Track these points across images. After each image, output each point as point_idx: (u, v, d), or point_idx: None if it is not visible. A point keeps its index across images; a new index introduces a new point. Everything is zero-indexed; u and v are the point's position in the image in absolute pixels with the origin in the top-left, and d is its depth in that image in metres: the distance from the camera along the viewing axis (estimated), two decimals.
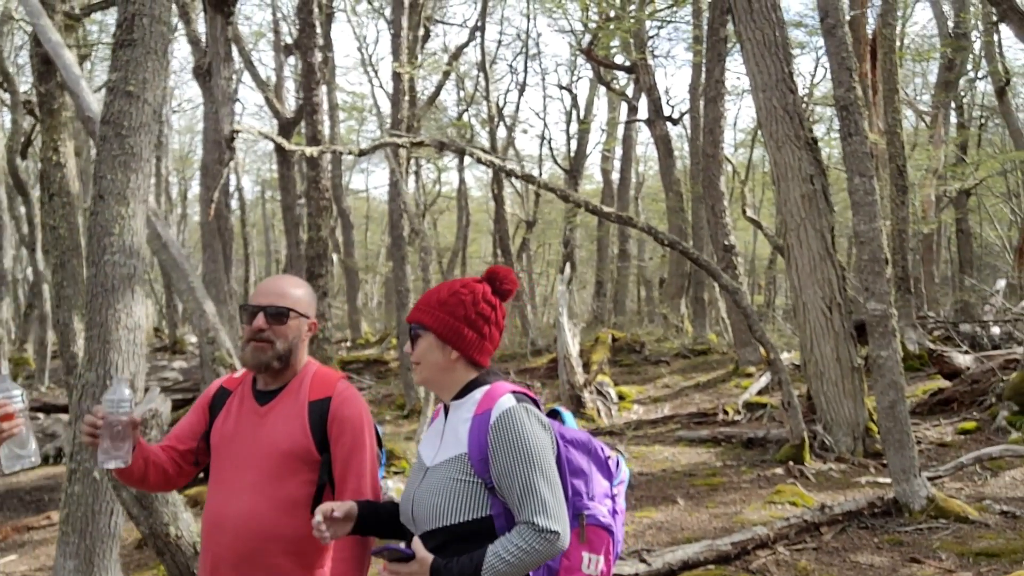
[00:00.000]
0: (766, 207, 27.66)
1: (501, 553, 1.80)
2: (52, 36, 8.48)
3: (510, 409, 1.91)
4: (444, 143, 6.95)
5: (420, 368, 2.05)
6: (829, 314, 7.32)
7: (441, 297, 2.04)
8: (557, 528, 1.81)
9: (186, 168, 32.96)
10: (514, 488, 1.84)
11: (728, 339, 14.74)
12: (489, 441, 1.88)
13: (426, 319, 2.03)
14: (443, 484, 1.91)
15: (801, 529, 5.18)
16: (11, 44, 18.80)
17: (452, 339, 2.01)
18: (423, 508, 1.93)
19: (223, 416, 2.25)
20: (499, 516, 1.89)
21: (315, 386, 2.22)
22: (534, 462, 1.85)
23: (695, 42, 16.11)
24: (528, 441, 1.87)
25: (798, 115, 7.38)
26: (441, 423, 2.07)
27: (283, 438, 2.16)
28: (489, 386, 2.01)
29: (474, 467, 1.89)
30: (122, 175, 4.27)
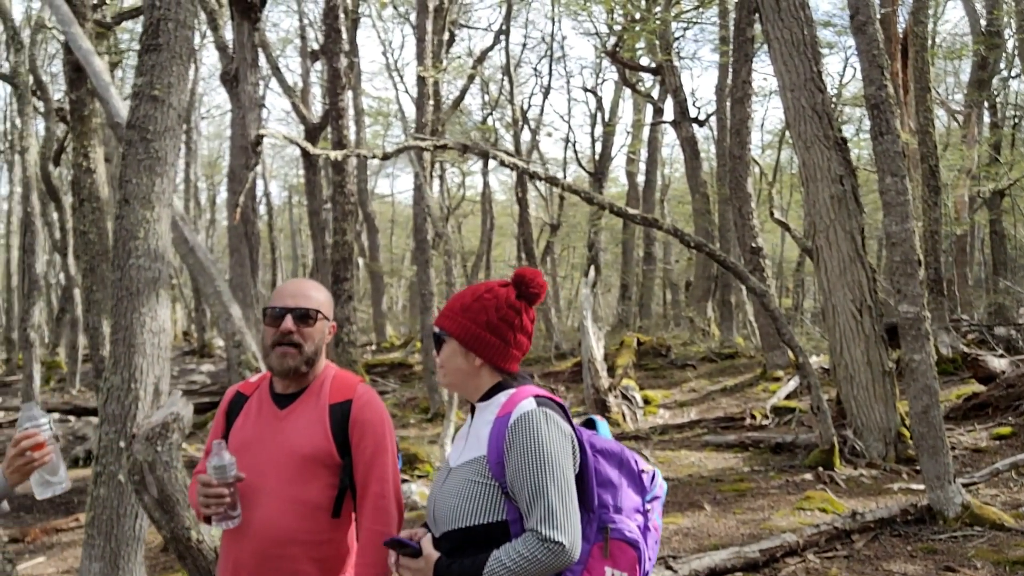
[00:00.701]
0: (794, 209, 27.36)
1: (503, 559, 1.77)
2: (83, 43, 8.59)
3: (528, 412, 1.87)
4: (468, 146, 6.93)
5: (444, 373, 2.04)
6: (859, 317, 7.18)
7: (465, 303, 2.02)
8: (562, 539, 1.76)
9: (215, 174, 33.35)
10: (524, 493, 1.81)
11: (755, 343, 14.57)
12: (505, 444, 1.86)
13: (449, 325, 2.01)
14: (462, 486, 1.90)
15: (832, 536, 5.08)
16: (45, 53, 19.13)
17: (475, 346, 1.99)
18: (442, 509, 1.92)
19: (241, 420, 2.24)
20: (515, 522, 1.85)
21: (335, 389, 2.21)
22: (546, 468, 1.81)
23: (721, 43, 15.98)
24: (543, 446, 1.83)
25: (827, 115, 7.26)
26: (467, 424, 2.06)
27: (304, 442, 2.14)
28: (514, 390, 1.98)
29: (491, 469, 1.87)
30: (147, 179, 4.30)
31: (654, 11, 15.68)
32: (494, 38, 20.69)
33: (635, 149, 23.51)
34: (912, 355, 5.38)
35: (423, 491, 7.21)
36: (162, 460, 2.82)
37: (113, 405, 4.14)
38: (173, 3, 4.45)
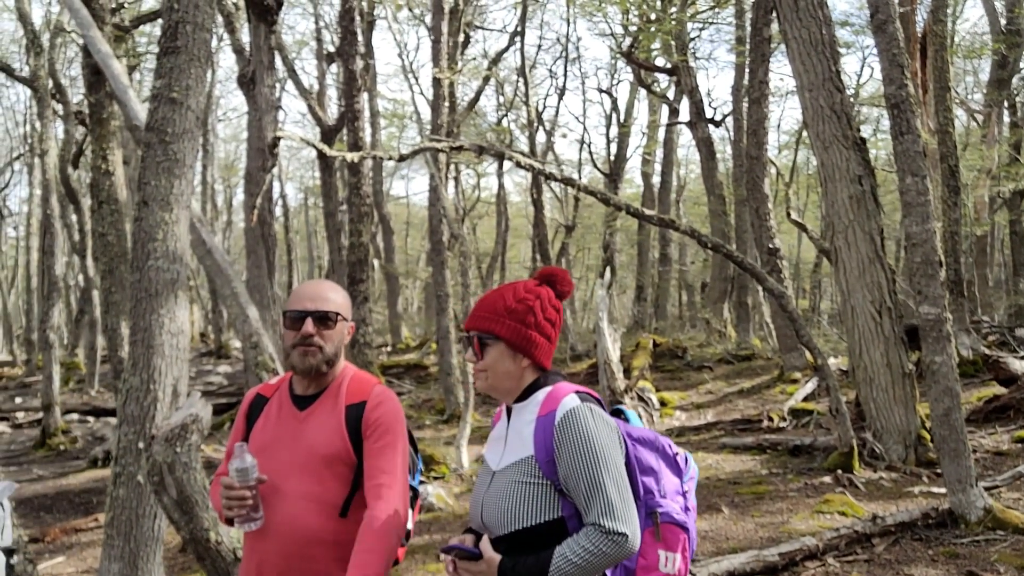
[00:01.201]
0: (811, 210, 27.19)
1: (568, 555, 1.76)
2: (101, 47, 8.65)
3: (574, 409, 1.87)
4: (483, 147, 6.93)
5: (487, 376, 2.01)
6: (879, 318, 7.12)
7: (508, 304, 2.00)
8: (625, 530, 1.77)
9: (231, 176, 33.54)
10: (580, 489, 1.81)
11: (772, 344, 14.47)
12: (555, 442, 1.85)
13: (497, 328, 1.98)
14: (511, 488, 1.89)
15: (851, 540, 5.03)
16: (64, 56, 19.31)
17: (525, 347, 1.98)
18: (493, 513, 1.90)
19: (262, 422, 2.25)
20: (571, 518, 1.86)
21: (352, 390, 2.22)
22: (600, 462, 1.82)
23: (738, 43, 15.91)
24: (593, 441, 1.83)
25: (846, 115, 7.20)
26: (504, 426, 2.04)
27: (322, 443, 2.15)
28: (551, 387, 1.98)
29: (541, 469, 1.87)
30: (166, 181, 4.32)
31: (670, 12, 15.62)
32: (509, 39, 20.68)
33: (650, 150, 23.44)
34: (933, 357, 5.31)
35: (439, 492, 7.20)
36: (181, 461, 2.82)
37: (132, 406, 4.16)
38: (191, 6, 4.47)
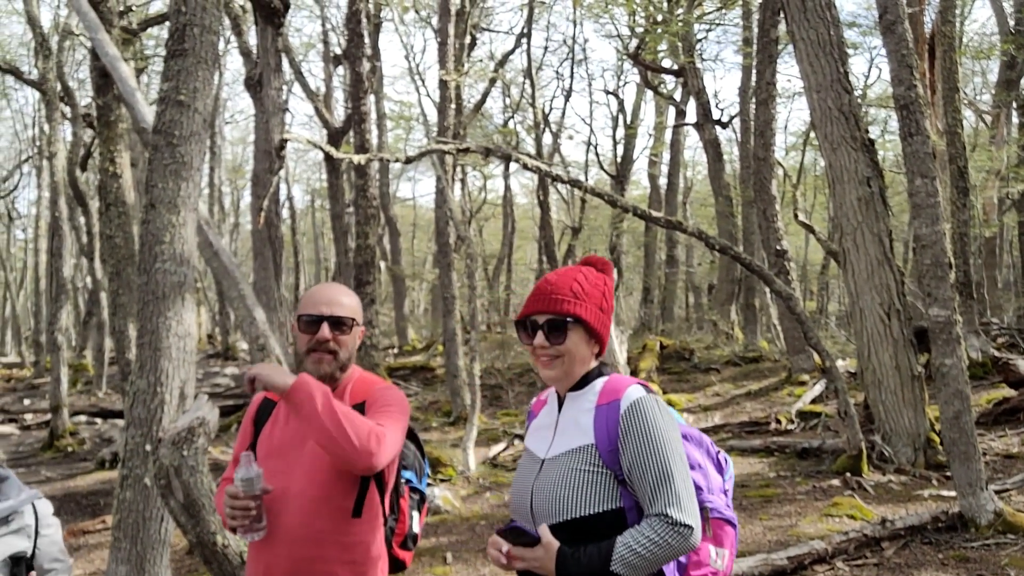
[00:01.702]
0: (817, 211, 27.11)
1: (632, 545, 1.72)
2: (109, 50, 8.67)
3: (641, 399, 1.85)
4: (490, 149, 6.92)
5: (563, 362, 1.94)
6: (887, 320, 7.08)
7: (583, 288, 1.94)
8: (691, 522, 1.74)
9: (238, 178, 33.63)
10: (647, 479, 1.77)
11: (780, 346, 14.42)
12: (620, 431, 1.82)
13: (580, 311, 1.92)
14: (568, 475, 1.84)
15: (861, 544, 5.00)
16: (72, 59, 19.39)
17: (600, 331, 1.95)
18: (546, 500, 1.85)
19: (269, 426, 2.25)
20: (631, 509, 1.82)
21: (356, 391, 2.22)
22: (668, 454, 1.79)
23: (745, 44, 15.87)
24: (661, 432, 1.81)
25: (854, 116, 7.16)
26: (552, 415, 2.00)
27: None
28: (607, 377, 1.95)
29: (602, 458, 1.83)
30: (173, 183, 4.32)
31: (676, 13, 15.59)
32: (515, 41, 20.71)
33: (657, 151, 23.40)
34: (943, 359, 5.28)
35: (446, 495, 7.19)
36: (188, 465, 2.82)
37: (139, 409, 4.16)
38: (199, 9, 4.47)
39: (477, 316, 10.37)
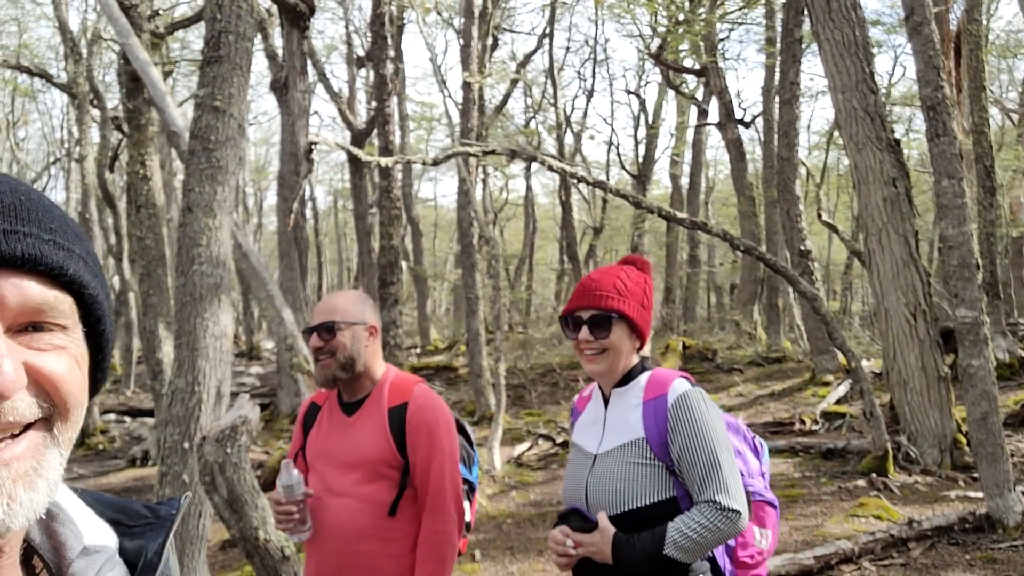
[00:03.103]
0: (841, 211, 26.91)
1: (683, 530, 1.82)
2: (140, 54, 8.83)
3: (687, 392, 1.94)
4: (516, 151, 6.98)
5: (607, 356, 2.03)
6: (913, 321, 7.06)
7: (625, 285, 2.04)
8: (739, 508, 1.83)
9: (261, 179, 33.94)
10: (696, 469, 1.87)
11: (803, 347, 14.37)
12: (668, 424, 1.92)
13: (624, 306, 2.01)
14: (622, 469, 1.94)
15: (888, 544, 5.01)
16: (100, 62, 19.69)
17: (642, 328, 2.04)
18: (603, 494, 1.95)
19: (316, 430, 2.36)
20: (683, 498, 1.92)
21: (393, 393, 2.29)
22: (715, 443, 1.89)
23: (768, 44, 15.81)
24: (708, 422, 1.90)
25: (879, 116, 7.15)
26: (599, 412, 2.09)
27: (369, 447, 2.24)
28: (650, 371, 2.04)
29: (654, 450, 1.92)
30: (209, 187, 4.42)
31: (698, 13, 15.57)
32: (537, 42, 20.73)
33: (679, 151, 23.35)
34: (970, 361, 5.28)
35: None
36: (231, 462, 2.91)
37: (177, 407, 4.27)
38: (234, 16, 4.57)
39: (502, 317, 10.43)
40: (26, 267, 0.68)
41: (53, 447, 0.70)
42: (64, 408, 0.70)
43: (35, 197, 0.73)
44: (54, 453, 0.70)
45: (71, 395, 0.70)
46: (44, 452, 0.69)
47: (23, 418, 0.67)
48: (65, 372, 0.70)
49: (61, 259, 0.70)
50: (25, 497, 0.66)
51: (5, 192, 0.70)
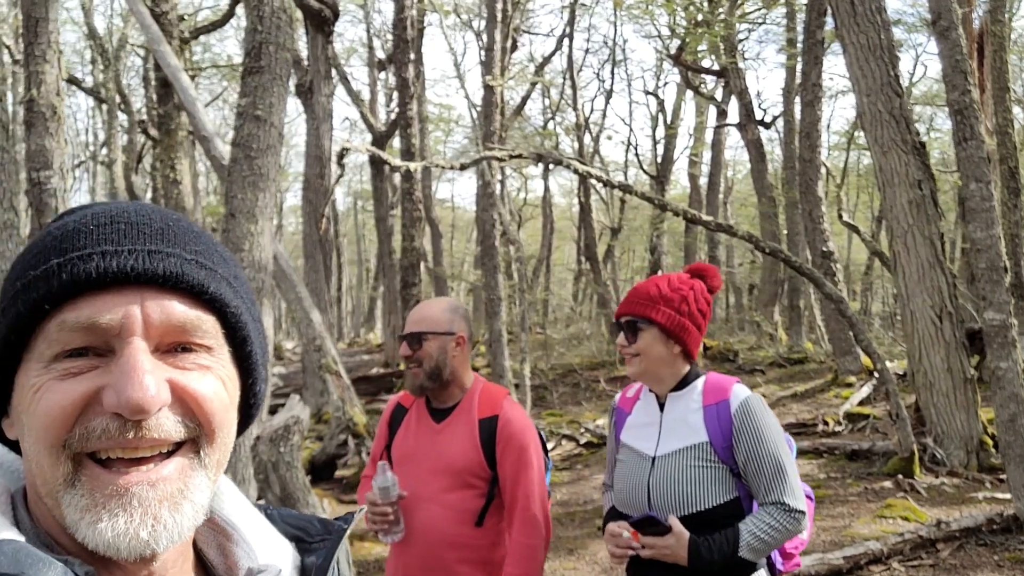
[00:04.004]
0: (861, 211, 26.79)
1: (755, 531, 1.91)
2: (171, 60, 8.98)
3: (749, 398, 2.04)
4: (542, 155, 7.07)
5: (640, 360, 2.12)
6: (939, 323, 7.09)
7: (663, 292, 2.11)
8: (803, 508, 1.94)
9: (282, 181, 34.18)
10: (763, 472, 1.96)
11: (825, 348, 14.36)
12: (734, 428, 2.00)
13: (652, 313, 2.09)
14: (687, 471, 2.01)
15: (916, 545, 5.06)
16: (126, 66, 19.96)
17: (678, 333, 2.09)
18: (668, 496, 2.01)
19: (403, 432, 2.42)
20: (745, 498, 2.02)
21: (483, 404, 2.35)
22: (779, 447, 1.99)
23: (788, 44, 15.81)
24: (770, 427, 2.00)
25: (904, 119, 7.18)
26: (653, 415, 2.15)
27: (458, 456, 2.29)
28: (705, 377, 2.13)
29: (718, 453, 2.00)
30: (251, 194, 4.55)
31: (718, 13, 15.59)
32: (556, 43, 20.82)
33: (698, 152, 23.33)
34: (999, 363, 5.31)
35: None
36: (284, 460, 3.01)
37: None
38: (273, 27, 4.69)
39: (526, 318, 10.52)
40: (169, 285, 0.69)
41: (200, 469, 0.70)
42: (210, 428, 0.70)
43: (184, 223, 0.75)
44: (201, 475, 0.70)
45: (216, 415, 0.71)
46: (191, 474, 0.69)
47: (168, 436, 0.68)
48: (209, 391, 0.70)
49: (203, 278, 0.71)
50: (170, 519, 0.67)
51: (155, 219, 0.72)
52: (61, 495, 0.66)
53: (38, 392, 0.66)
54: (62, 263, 0.67)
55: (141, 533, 0.65)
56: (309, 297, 8.90)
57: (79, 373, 0.67)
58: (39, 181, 4.77)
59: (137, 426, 0.66)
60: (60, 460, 0.66)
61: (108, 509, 0.65)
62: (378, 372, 16.08)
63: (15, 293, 0.69)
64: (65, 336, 0.67)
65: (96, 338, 0.67)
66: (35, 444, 0.67)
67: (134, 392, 0.65)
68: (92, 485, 0.66)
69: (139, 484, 0.66)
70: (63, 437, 0.66)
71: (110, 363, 0.67)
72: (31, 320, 0.68)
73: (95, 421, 0.66)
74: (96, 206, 0.74)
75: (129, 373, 0.65)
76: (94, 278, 0.67)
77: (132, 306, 0.67)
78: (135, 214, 0.72)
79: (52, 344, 0.67)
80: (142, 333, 0.67)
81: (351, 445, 8.05)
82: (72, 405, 0.66)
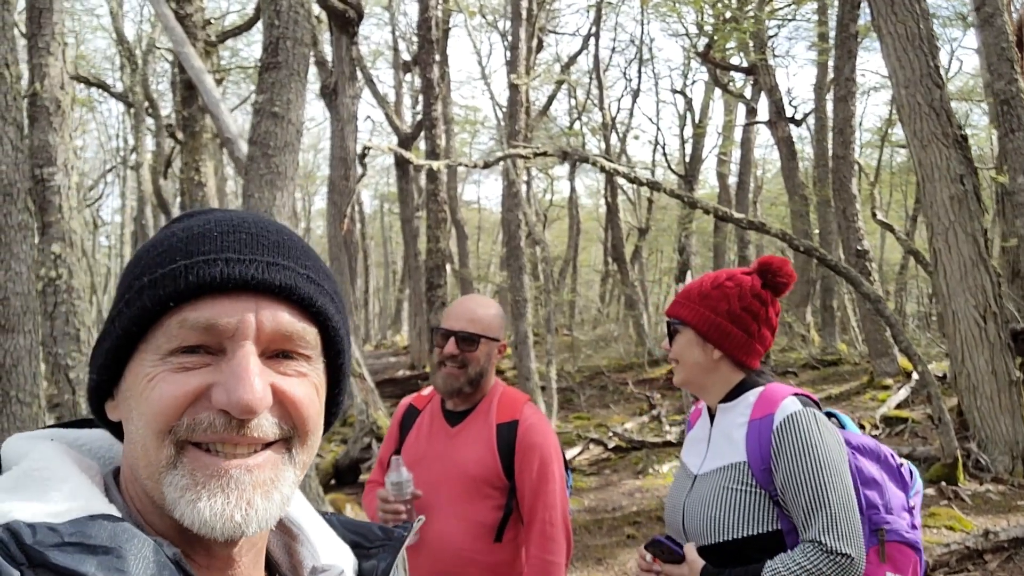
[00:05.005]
0: (894, 209, 26.26)
1: (780, 570, 1.62)
2: (195, 63, 8.95)
3: (795, 413, 1.73)
4: (567, 152, 6.90)
5: (679, 368, 1.91)
6: (983, 324, 6.81)
7: (704, 290, 1.88)
8: (850, 551, 1.61)
9: (309, 184, 34.37)
10: (800, 501, 1.66)
11: (860, 349, 14.02)
12: (772, 449, 1.71)
13: (685, 314, 1.88)
14: (719, 494, 1.76)
15: (963, 556, 4.82)
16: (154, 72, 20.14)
17: (714, 337, 1.85)
18: (698, 519, 1.79)
19: (414, 434, 2.27)
20: (790, 532, 1.71)
21: (502, 408, 2.20)
22: (824, 473, 1.66)
23: (820, 39, 15.49)
24: (817, 449, 1.68)
25: (945, 111, 6.91)
26: (706, 427, 1.93)
27: (473, 462, 2.14)
28: (763, 388, 1.84)
29: (755, 476, 1.73)
30: (268, 193, 4.44)
31: (746, 10, 15.31)
32: (582, 42, 20.66)
33: (726, 150, 23.02)
34: None
35: None
36: None
37: None
38: (291, 22, 4.58)
39: (552, 320, 10.36)
40: (282, 296, 0.74)
41: (290, 465, 0.75)
42: (303, 431, 0.76)
43: (295, 238, 0.79)
44: (289, 471, 0.75)
45: (310, 419, 0.76)
46: (281, 468, 0.74)
47: (265, 436, 0.73)
48: (306, 397, 0.75)
49: (312, 292, 0.75)
50: (261, 505, 0.72)
51: (272, 232, 0.76)
52: (163, 475, 0.71)
53: (152, 381, 0.71)
54: (189, 265, 0.72)
55: (236, 515, 0.70)
56: None
57: (192, 368, 0.71)
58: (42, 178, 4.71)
59: (242, 424, 0.71)
60: (165, 444, 0.70)
61: (208, 489, 0.70)
62: (404, 374, 16.01)
63: (141, 288, 0.73)
64: (184, 333, 0.71)
65: (212, 338, 0.72)
66: (143, 428, 0.71)
67: (244, 393, 0.70)
68: (193, 467, 0.70)
69: (238, 468, 0.71)
70: (171, 424, 0.70)
71: (221, 362, 0.72)
72: (154, 315, 0.72)
73: (203, 415, 0.71)
74: (217, 212, 0.78)
75: (241, 375, 0.70)
76: (218, 282, 0.71)
77: (248, 312, 0.72)
78: (255, 225, 0.76)
79: (171, 339, 0.72)
80: (254, 338, 0.72)
81: (375, 448, 7.94)
82: (184, 396, 0.70)
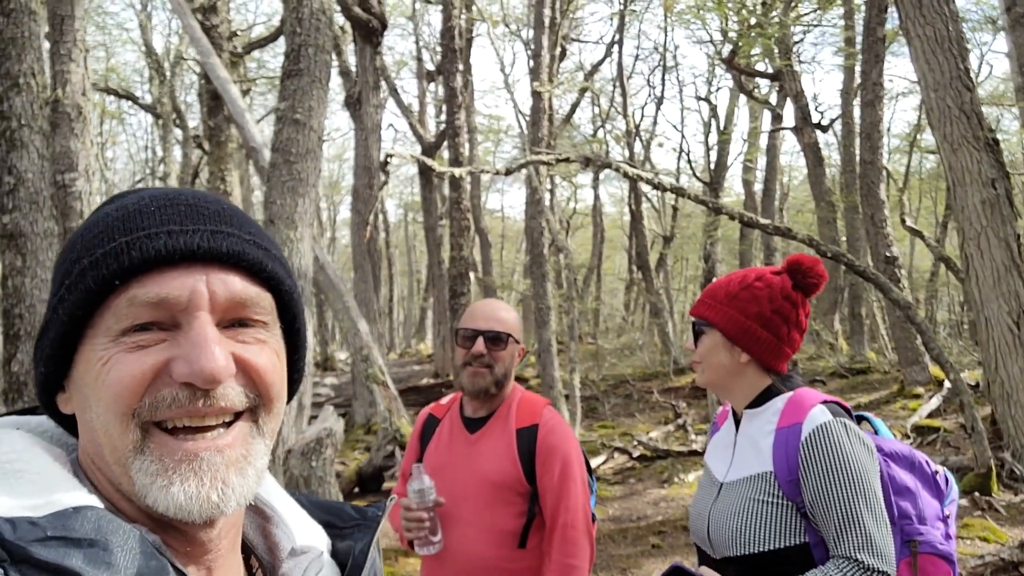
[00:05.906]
0: (923, 216, 25.88)
1: None
2: (220, 73, 9.04)
3: (826, 424, 1.65)
4: (590, 158, 6.87)
5: (703, 369, 1.85)
6: (1017, 330, 6.65)
7: (731, 291, 1.81)
8: (887, 568, 1.54)
9: (334, 194, 34.63)
10: (831, 517, 1.58)
11: (889, 357, 13.79)
12: (800, 460, 1.64)
13: (711, 315, 1.81)
14: (745, 505, 1.69)
15: (998, 568, 4.68)
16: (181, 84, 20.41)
17: (741, 339, 1.78)
18: (722, 530, 1.72)
19: (434, 444, 2.25)
20: (817, 545, 1.64)
21: (521, 412, 2.17)
22: (856, 487, 1.58)
23: (847, 44, 15.33)
24: (848, 462, 1.60)
25: (976, 114, 6.78)
26: (731, 433, 1.86)
27: (494, 469, 2.11)
28: (791, 394, 1.77)
29: (783, 488, 1.65)
30: (290, 200, 4.44)
31: (771, 16, 15.19)
32: (606, 50, 20.62)
33: (752, 157, 22.84)
34: None
35: None
36: (316, 475, 2.87)
37: None
38: (313, 29, 4.60)
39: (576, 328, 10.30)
40: (230, 263, 0.72)
41: (259, 437, 0.74)
42: (268, 399, 0.75)
43: (235, 207, 0.78)
44: (260, 442, 0.74)
45: (274, 386, 0.75)
46: (251, 441, 0.73)
47: (233, 405, 0.72)
48: (268, 364, 0.74)
49: (261, 256, 0.74)
50: (236, 482, 0.71)
51: (211, 202, 0.76)
52: (130, 462, 0.69)
53: (107, 364, 0.69)
54: (130, 241, 0.70)
55: (212, 496, 0.69)
56: (356, 307, 8.83)
57: (147, 346, 0.70)
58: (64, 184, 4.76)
59: (207, 395, 0.70)
60: (129, 428, 0.69)
61: (179, 473, 0.69)
62: (428, 382, 16.01)
63: (82, 270, 0.71)
64: (135, 311, 0.69)
65: (163, 313, 0.70)
66: (104, 413, 0.69)
67: (207, 362, 0.68)
68: (161, 452, 0.69)
69: (207, 450, 0.70)
70: (133, 406, 0.69)
71: (177, 336, 0.70)
72: (99, 296, 0.70)
73: (164, 391, 0.69)
74: (148, 190, 0.76)
75: (201, 344, 0.69)
76: (163, 255, 0.70)
77: (198, 282, 0.71)
78: (192, 196, 0.76)
79: (121, 319, 0.70)
80: (208, 308, 0.71)
81: (398, 456, 7.92)
82: (143, 375, 0.69)
